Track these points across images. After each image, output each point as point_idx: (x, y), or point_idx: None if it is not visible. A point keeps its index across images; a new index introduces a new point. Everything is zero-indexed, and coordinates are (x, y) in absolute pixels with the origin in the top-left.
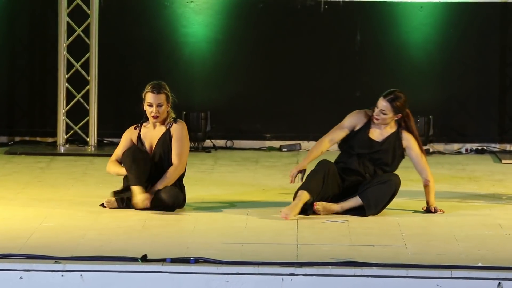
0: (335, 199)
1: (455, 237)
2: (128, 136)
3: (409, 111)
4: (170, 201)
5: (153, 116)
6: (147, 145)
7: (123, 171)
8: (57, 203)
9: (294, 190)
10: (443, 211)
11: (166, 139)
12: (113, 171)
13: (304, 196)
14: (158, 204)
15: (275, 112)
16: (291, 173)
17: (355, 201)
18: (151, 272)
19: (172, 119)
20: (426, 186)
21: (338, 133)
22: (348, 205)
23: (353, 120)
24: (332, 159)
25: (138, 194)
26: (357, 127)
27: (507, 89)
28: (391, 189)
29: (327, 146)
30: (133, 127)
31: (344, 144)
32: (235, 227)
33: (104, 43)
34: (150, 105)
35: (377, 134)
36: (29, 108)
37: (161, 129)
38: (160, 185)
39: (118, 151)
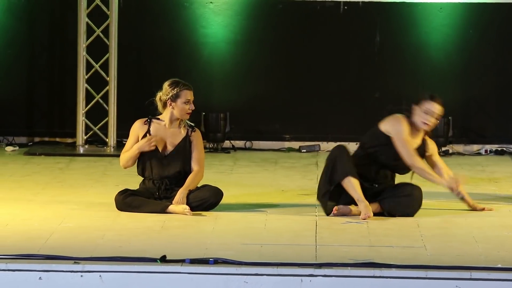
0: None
1: (475, 238)
2: (136, 130)
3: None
4: (213, 198)
5: (188, 113)
6: (158, 144)
7: (133, 150)
8: (76, 204)
9: (313, 191)
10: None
11: (186, 144)
12: (127, 156)
13: (355, 182)
14: (200, 204)
15: (294, 113)
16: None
17: (375, 207)
18: (170, 273)
19: (188, 125)
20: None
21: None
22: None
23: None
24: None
25: (176, 208)
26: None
27: None
28: (413, 204)
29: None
30: (142, 121)
31: (371, 148)
32: (254, 228)
33: (123, 44)
34: (187, 102)
35: (413, 144)
36: (48, 109)
37: (178, 132)
38: (186, 189)
39: (128, 146)
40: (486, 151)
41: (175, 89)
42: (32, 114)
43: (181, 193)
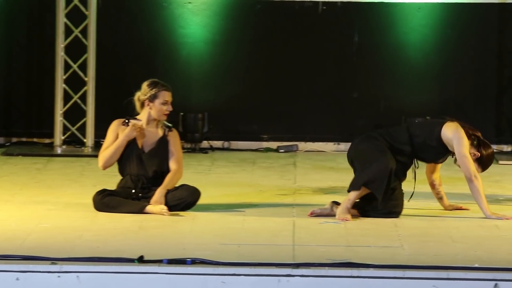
0: None
1: (452, 238)
2: (115, 130)
3: None
4: (191, 197)
5: (166, 114)
6: (137, 143)
7: (119, 141)
8: (53, 204)
9: (290, 191)
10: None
11: (164, 144)
12: (110, 151)
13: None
14: (178, 203)
15: (272, 113)
16: None
17: (354, 211)
18: (148, 273)
19: (165, 125)
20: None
21: None
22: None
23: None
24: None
25: (154, 208)
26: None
27: (505, 90)
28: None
29: None
30: (120, 121)
31: (422, 143)
32: (231, 228)
33: (101, 44)
34: (165, 103)
35: None
36: (26, 109)
37: (155, 132)
38: (165, 188)
39: (106, 145)
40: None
41: (154, 90)
42: (9, 115)
43: (159, 192)
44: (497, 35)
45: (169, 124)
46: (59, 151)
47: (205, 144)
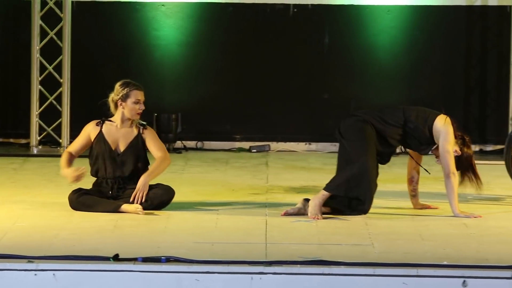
0: None
1: (421, 236)
2: (88, 131)
3: None
4: (165, 196)
5: (139, 113)
6: (111, 144)
7: (64, 170)
8: (30, 204)
9: (263, 190)
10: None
11: (138, 143)
12: (62, 162)
13: None
14: (154, 203)
15: (245, 114)
16: None
17: (327, 209)
18: (123, 271)
19: (139, 124)
20: None
21: None
22: None
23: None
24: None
25: (129, 207)
26: None
27: (472, 91)
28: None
29: None
30: (94, 122)
31: (413, 128)
32: (205, 226)
33: (76, 46)
34: (137, 102)
35: None
36: (2, 110)
37: (130, 131)
38: (150, 174)
39: (75, 144)
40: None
41: (125, 89)
42: None
43: (144, 178)
44: (465, 36)
45: (143, 122)
46: (35, 151)
47: (178, 144)
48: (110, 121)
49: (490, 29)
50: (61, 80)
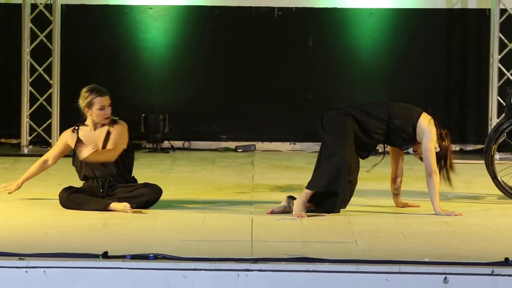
0: None
1: (403, 233)
2: (65, 139)
3: None
4: (153, 195)
5: (106, 118)
6: (94, 147)
7: (27, 175)
8: (21, 202)
9: (248, 188)
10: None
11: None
12: (30, 169)
13: None
14: (141, 201)
15: (231, 115)
16: None
17: (310, 205)
18: (112, 268)
19: (112, 121)
20: None
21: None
22: None
23: None
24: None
25: (118, 206)
26: None
27: (452, 92)
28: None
29: None
30: (70, 130)
31: (396, 127)
32: (192, 225)
33: (66, 48)
34: (102, 108)
35: None
36: None
37: (103, 130)
38: (91, 154)
39: (53, 152)
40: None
41: (89, 97)
42: None
43: (86, 151)
44: (445, 39)
45: (115, 118)
46: (25, 151)
47: (166, 144)
48: (85, 124)
49: (470, 31)
50: (51, 82)
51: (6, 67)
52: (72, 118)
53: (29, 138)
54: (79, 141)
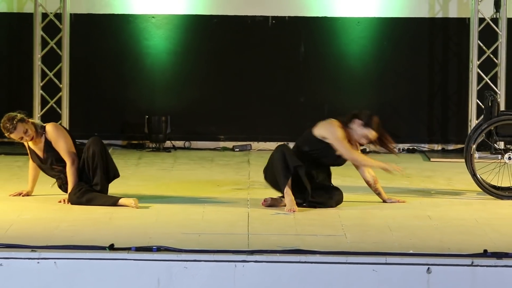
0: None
1: (389, 227)
2: (27, 147)
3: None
4: (93, 145)
5: (31, 140)
6: (38, 154)
7: (32, 181)
8: (33, 198)
9: (245, 185)
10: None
11: (48, 146)
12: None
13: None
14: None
15: (228, 116)
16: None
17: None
18: (118, 260)
19: (41, 128)
20: None
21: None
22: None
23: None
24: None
25: (126, 201)
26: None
27: (435, 95)
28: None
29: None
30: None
31: (312, 152)
32: (192, 219)
33: (74, 54)
34: (21, 138)
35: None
36: (7, 113)
37: (41, 141)
38: (70, 188)
39: (30, 156)
40: (399, 149)
41: (7, 135)
42: None
43: (69, 192)
44: (427, 46)
45: (42, 125)
46: None
47: (168, 144)
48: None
49: (451, 39)
50: (61, 86)
51: (19, 72)
52: (80, 119)
53: None
54: (31, 150)
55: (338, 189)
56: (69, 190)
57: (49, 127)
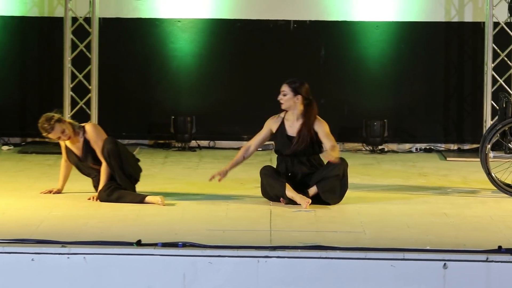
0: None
1: (407, 224)
2: (61, 145)
3: (313, 99)
4: (106, 144)
5: (68, 139)
6: (76, 153)
7: (63, 179)
8: (63, 195)
9: None
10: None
11: (87, 145)
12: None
13: (287, 186)
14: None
15: (251, 116)
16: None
17: (313, 191)
18: (145, 255)
19: (79, 127)
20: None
21: (257, 138)
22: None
23: (268, 125)
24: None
25: (153, 198)
26: (274, 129)
27: (451, 97)
28: (338, 174)
29: (250, 151)
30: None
31: (276, 151)
32: (217, 216)
33: (103, 57)
34: (58, 138)
35: (291, 130)
36: (38, 113)
37: (79, 140)
38: (101, 186)
39: (63, 155)
40: (416, 149)
41: (45, 135)
42: (25, 118)
43: (98, 190)
44: (444, 49)
45: (80, 125)
46: None
47: (193, 143)
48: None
49: (466, 42)
50: (90, 87)
51: (50, 74)
52: (109, 119)
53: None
54: (67, 148)
55: (322, 179)
56: (100, 187)
57: (89, 126)
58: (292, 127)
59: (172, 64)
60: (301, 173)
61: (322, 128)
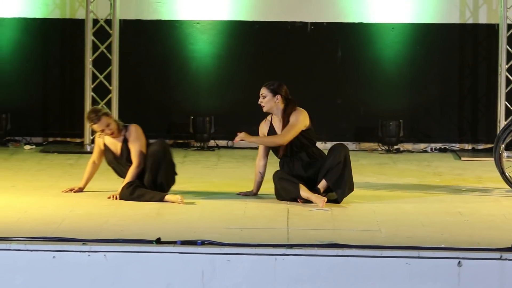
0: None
1: (422, 222)
2: (97, 144)
3: (293, 98)
4: (161, 148)
5: (112, 134)
6: (114, 151)
7: (86, 178)
8: (84, 194)
9: None
10: None
11: (126, 145)
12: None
13: (301, 187)
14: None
15: None
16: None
17: (323, 184)
18: (164, 253)
19: (123, 126)
20: None
21: (260, 150)
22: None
23: (261, 130)
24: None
25: (172, 197)
26: (266, 133)
27: (465, 98)
28: (340, 161)
29: (262, 165)
30: (97, 135)
31: (275, 154)
32: (235, 214)
33: (123, 58)
34: (102, 131)
35: (279, 130)
36: (60, 113)
37: (120, 139)
38: (124, 183)
39: (94, 154)
40: (431, 149)
41: (90, 125)
42: (46, 118)
43: (121, 185)
44: (458, 50)
45: (125, 124)
46: (88, 149)
47: (212, 143)
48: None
49: (481, 44)
50: (111, 88)
51: (71, 75)
52: (129, 119)
53: (91, 137)
54: (106, 146)
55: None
56: (123, 184)
57: (133, 127)
58: (279, 127)
59: (191, 65)
60: (303, 166)
61: (293, 117)
